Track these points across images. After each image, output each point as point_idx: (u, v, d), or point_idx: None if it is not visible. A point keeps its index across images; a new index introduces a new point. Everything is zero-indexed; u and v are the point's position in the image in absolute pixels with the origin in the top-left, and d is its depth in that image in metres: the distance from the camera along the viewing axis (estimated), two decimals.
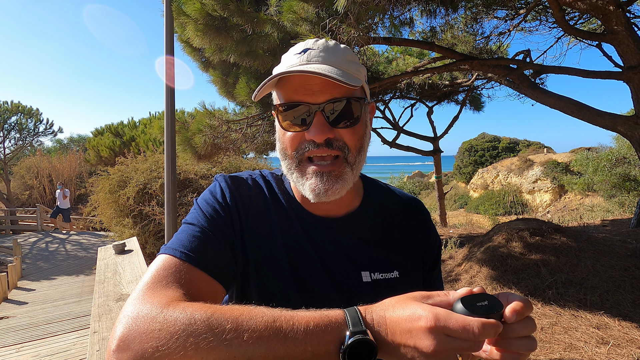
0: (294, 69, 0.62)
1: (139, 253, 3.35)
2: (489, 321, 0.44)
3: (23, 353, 4.29)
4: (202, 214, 0.67)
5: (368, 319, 0.48)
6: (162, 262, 0.59)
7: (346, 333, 0.46)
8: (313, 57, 0.64)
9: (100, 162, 15.37)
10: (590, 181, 13.21)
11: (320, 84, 0.63)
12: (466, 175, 24.80)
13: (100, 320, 1.97)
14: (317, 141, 0.63)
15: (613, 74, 4.22)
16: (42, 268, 8.47)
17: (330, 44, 0.68)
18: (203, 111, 4.87)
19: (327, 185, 0.64)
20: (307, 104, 0.63)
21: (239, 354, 0.45)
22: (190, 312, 0.47)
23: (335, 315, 0.48)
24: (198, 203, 0.71)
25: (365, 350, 0.45)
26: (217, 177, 0.75)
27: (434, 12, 4.27)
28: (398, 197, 0.83)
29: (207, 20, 3.44)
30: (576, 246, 4.27)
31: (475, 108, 9.28)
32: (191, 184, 6.91)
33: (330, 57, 0.65)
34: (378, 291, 0.68)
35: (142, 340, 0.46)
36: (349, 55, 0.68)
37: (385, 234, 0.76)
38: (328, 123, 0.63)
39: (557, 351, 2.99)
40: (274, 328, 0.46)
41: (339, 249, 0.72)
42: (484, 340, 0.45)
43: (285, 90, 0.66)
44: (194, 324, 0.46)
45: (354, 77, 0.64)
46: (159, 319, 0.47)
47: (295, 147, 0.66)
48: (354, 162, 0.66)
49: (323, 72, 0.60)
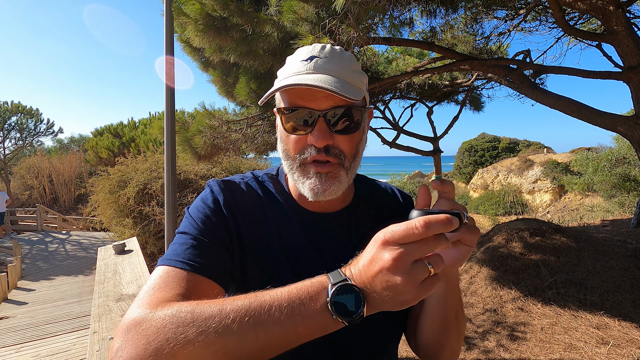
0: (300, 79, 0.65)
1: (139, 253, 3.35)
2: (432, 216, 0.46)
3: (23, 353, 4.29)
4: (193, 221, 0.69)
5: (346, 271, 0.52)
6: (159, 273, 0.61)
7: (329, 287, 0.49)
8: (319, 67, 0.67)
9: (100, 163, 15.36)
10: (590, 181, 13.20)
11: (324, 91, 0.65)
12: (466, 175, 24.80)
13: (100, 321, 1.97)
14: (318, 146, 0.67)
15: (613, 74, 4.21)
16: (42, 268, 8.47)
17: (337, 52, 0.71)
18: (203, 111, 4.87)
19: (324, 185, 0.68)
20: (311, 110, 0.66)
21: (229, 335, 0.46)
22: (177, 307, 0.50)
23: (319, 277, 0.52)
24: (189, 212, 0.73)
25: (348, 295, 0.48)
26: (209, 183, 0.77)
27: (434, 12, 4.27)
28: (385, 190, 0.89)
29: (207, 20, 3.44)
30: (576, 246, 4.27)
31: (475, 108, 9.27)
32: (191, 184, 6.92)
33: (335, 67, 0.68)
34: None
35: (135, 341, 0.48)
36: (353, 65, 0.71)
37: (378, 225, 0.80)
38: (329, 129, 0.67)
39: (557, 351, 2.99)
40: (257, 303, 0.48)
41: (336, 242, 0.76)
42: (443, 241, 0.47)
43: (290, 94, 0.68)
44: (179, 315, 0.48)
45: (357, 89, 0.68)
46: (148, 318, 0.49)
47: (298, 150, 0.69)
48: (349, 167, 0.70)
49: (327, 87, 0.62)
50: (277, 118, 0.73)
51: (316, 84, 0.63)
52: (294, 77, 0.66)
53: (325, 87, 0.62)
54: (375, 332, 0.74)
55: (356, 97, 0.65)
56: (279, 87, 0.65)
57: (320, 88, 0.63)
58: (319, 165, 0.68)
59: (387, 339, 0.76)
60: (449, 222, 0.46)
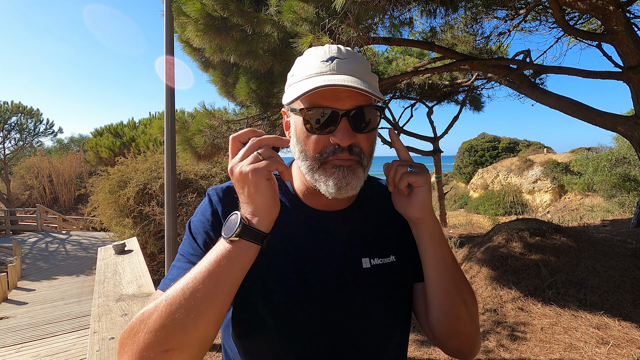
0: (328, 80, 0.65)
1: (139, 253, 3.35)
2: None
3: (23, 353, 4.29)
4: (193, 243, 0.73)
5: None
6: (155, 295, 0.65)
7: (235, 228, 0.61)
8: (342, 68, 0.68)
9: (100, 163, 15.36)
10: (590, 181, 13.21)
11: (346, 91, 0.66)
12: (466, 175, 24.82)
13: (100, 321, 1.97)
14: (343, 145, 0.67)
15: (613, 74, 4.21)
16: (42, 268, 8.48)
17: (353, 53, 0.72)
18: (203, 111, 4.87)
19: (347, 179, 0.68)
20: (335, 110, 0.66)
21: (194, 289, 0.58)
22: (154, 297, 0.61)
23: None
24: (190, 228, 0.75)
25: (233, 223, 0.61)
26: (209, 192, 0.79)
27: (434, 12, 4.27)
28: (382, 185, 0.89)
29: (207, 20, 3.44)
30: (576, 246, 4.27)
31: (475, 108, 9.28)
32: (191, 184, 6.91)
33: (356, 67, 0.69)
34: (377, 275, 0.75)
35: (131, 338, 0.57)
36: (368, 65, 0.73)
37: (380, 222, 0.82)
38: (352, 128, 0.67)
39: (557, 351, 2.99)
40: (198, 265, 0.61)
41: (340, 239, 0.77)
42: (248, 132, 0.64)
43: (312, 94, 0.67)
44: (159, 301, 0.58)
45: (375, 88, 0.69)
46: (138, 314, 0.59)
47: (319, 150, 0.69)
48: (366, 165, 0.72)
49: (356, 86, 0.64)
50: (292, 118, 0.72)
51: (347, 84, 0.63)
52: (319, 78, 0.66)
53: (357, 87, 0.63)
54: (382, 321, 0.73)
55: (380, 96, 0.67)
56: (315, 87, 0.64)
57: (354, 88, 0.64)
58: (343, 160, 0.68)
59: (395, 327, 0.75)
60: (253, 132, 0.63)
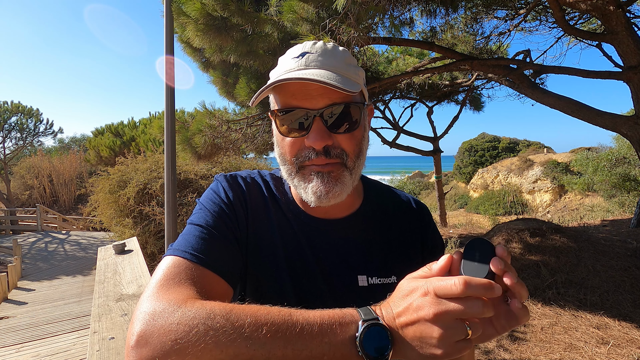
0: (291, 75, 0.61)
1: (139, 253, 3.34)
2: (474, 278, 0.45)
3: (23, 353, 4.28)
4: (208, 214, 0.66)
5: (377, 311, 0.50)
6: (172, 262, 0.58)
7: (359, 323, 0.48)
8: (311, 62, 0.63)
9: (100, 162, 15.38)
10: (590, 181, 13.21)
11: (319, 88, 0.61)
12: (466, 175, 24.79)
13: (100, 321, 1.96)
14: (316, 148, 0.62)
15: (613, 74, 4.21)
16: (42, 268, 8.47)
17: (329, 47, 0.66)
18: (203, 111, 4.87)
19: (327, 186, 0.63)
20: (306, 110, 0.62)
21: (258, 348, 0.45)
22: (209, 308, 0.48)
23: (348, 310, 0.51)
24: (203, 203, 0.69)
25: (378, 336, 0.47)
26: (218, 177, 0.74)
27: (434, 12, 4.27)
28: (398, 198, 0.81)
29: (208, 20, 3.44)
30: (576, 246, 4.27)
31: (475, 108, 9.28)
32: (191, 184, 6.91)
33: (328, 61, 0.64)
34: (374, 296, 0.66)
35: (161, 334, 0.46)
36: (347, 58, 0.67)
37: (384, 237, 0.75)
38: (327, 128, 0.62)
39: (557, 351, 2.99)
40: (290, 322, 0.47)
41: (336, 251, 0.71)
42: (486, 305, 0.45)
43: (283, 95, 0.64)
44: (213, 318, 0.47)
45: (352, 82, 0.63)
46: (177, 314, 0.48)
47: (294, 153, 0.65)
48: (352, 167, 0.66)
49: (322, 79, 0.58)
50: (272, 121, 0.68)
51: (307, 77, 0.59)
52: (285, 75, 0.62)
53: (318, 80, 0.58)
54: None
55: (353, 90, 0.60)
56: (268, 85, 0.61)
57: (312, 81, 0.58)
58: (320, 165, 0.64)
59: None
60: (490, 287, 0.44)
